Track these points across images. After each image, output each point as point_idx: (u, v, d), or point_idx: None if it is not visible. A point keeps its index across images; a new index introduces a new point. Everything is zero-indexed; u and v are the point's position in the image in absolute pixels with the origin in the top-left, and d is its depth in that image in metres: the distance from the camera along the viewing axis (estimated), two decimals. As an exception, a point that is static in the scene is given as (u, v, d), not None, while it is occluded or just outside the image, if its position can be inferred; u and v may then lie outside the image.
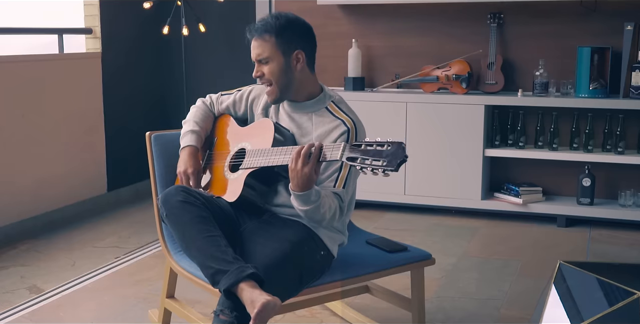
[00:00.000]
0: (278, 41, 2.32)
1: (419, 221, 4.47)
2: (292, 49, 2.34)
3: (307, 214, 2.17)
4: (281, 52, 2.33)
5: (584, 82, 4.25)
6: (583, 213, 4.31)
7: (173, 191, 2.22)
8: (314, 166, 2.06)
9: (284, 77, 2.34)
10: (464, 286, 3.35)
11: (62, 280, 3.44)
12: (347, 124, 2.33)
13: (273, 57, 2.33)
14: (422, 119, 4.46)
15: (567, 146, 4.39)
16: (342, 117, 2.36)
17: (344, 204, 2.27)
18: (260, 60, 2.35)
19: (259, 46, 2.34)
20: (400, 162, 1.91)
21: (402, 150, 1.93)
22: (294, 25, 2.36)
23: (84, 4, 4.76)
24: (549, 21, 4.44)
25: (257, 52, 2.35)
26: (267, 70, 2.35)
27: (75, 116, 4.60)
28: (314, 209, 2.14)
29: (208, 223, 2.15)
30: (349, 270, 2.37)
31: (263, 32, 2.33)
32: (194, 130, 2.51)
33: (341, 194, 2.26)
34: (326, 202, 2.17)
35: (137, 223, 4.47)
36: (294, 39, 2.35)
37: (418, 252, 2.57)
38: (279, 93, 2.37)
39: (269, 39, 2.33)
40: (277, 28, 2.32)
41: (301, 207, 2.14)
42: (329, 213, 2.19)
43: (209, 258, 2.07)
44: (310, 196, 2.11)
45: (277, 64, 2.33)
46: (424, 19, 4.69)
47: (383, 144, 1.96)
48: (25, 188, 4.23)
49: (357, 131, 2.33)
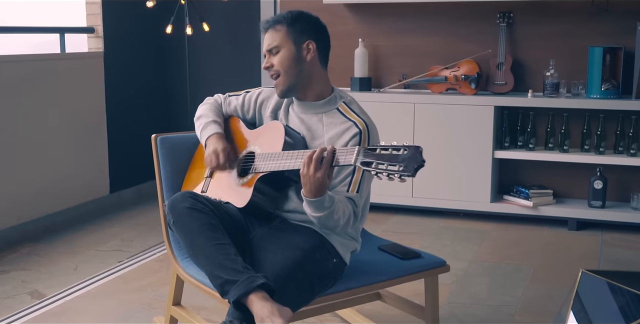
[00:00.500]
0: (289, 30, 2.28)
1: (428, 224, 4.39)
2: (303, 39, 2.29)
3: (320, 221, 2.09)
4: (292, 41, 2.28)
5: (596, 83, 4.17)
6: (594, 216, 4.23)
7: (180, 197, 2.14)
8: (326, 170, 1.98)
9: (293, 67, 2.28)
10: (476, 291, 3.28)
11: (64, 285, 3.36)
12: (359, 125, 2.25)
13: (283, 45, 2.28)
14: (430, 120, 4.39)
15: (578, 148, 4.31)
16: (353, 118, 2.28)
17: (358, 209, 2.19)
18: (270, 50, 2.30)
19: (270, 36, 2.30)
20: (417, 167, 1.83)
21: (419, 154, 1.85)
22: (306, 17, 2.33)
23: (86, 3, 4.68)
24: (559, 20, 4.36)
25: (268, 42, 2.30)
26: (276, 60, 2.29)
27: (77, 116, 4.52)
28: (328, 216, 2.06)
29: (216, 230, 2.07)
30: (362, 278, 2.30)
31: (275, 23, 2.30)
32: (215, 120, 2.43)
33: (355, 199, 2.18)
34: (340, 208, 2.09)
35: (139, 226, 4.40)
36: (305, 29, 2.30)
37: (432, 259, 2.49)
38: (288, 84, 2.29)
39: (280, 29, 2.29)
40: (289, 18, 2.29)
41: (314, 213, 2.07)
42: (342, 219, 2.11)
43: (217, 267, 1.99)
44: (323, 202, 2.03)
45: (288, 52, 2.27)
46: (431, 18, 4.61)
47: (399, 148, 1.88)
48: (26, 190, 4.16)
49: (369, 133, 2.25)
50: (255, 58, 5.10)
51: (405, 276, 2.39)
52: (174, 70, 5.28)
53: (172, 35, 4.87)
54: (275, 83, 2.31)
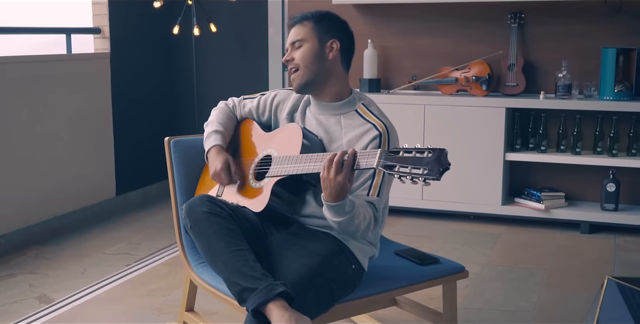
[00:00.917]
0: (315, 26, 2.26)
1: (438, 226, 4.35)
2: (328, 37, 2.27)
3: (340, 226, 2.04)
4: (317, 38, 2.26)
5: (609, 85, 4.12)
6: (607, 219, 4.18)
7: (198, 201, 2.09)
8: (347, 174, 1.93)
9: (314, 63, 2.25)
10: (491, 297, 3.23)
11: (72, 289, 3.32)
12: (379, 128, 2.20)
13: (308, 39, 2.25)
14: (440, 122, 4.34)
15: (591, 150, 4.26)
16: (373, 120, 2.23)
17: (378, 214, 2.14)
18: (293, 43, 2.27)
19: (295, 30, 2.28)
20: (443, 171, 1.78)
21: (444, 157, 1.80)
22: (334, 18, 2.32)
23: (92, 3, 4.64)
24: (572, 21, 4.31)
25: (292, 36, 2.28)
26: (298, 54, 2.26)
27: (83, 118, 4.48)
28: (348, 221, 2.01)
29: (235, 236, 2.02)
30: (380, 284, 2.25)
31: (302, 19, 2.29)
32: (217, 130, 2.39)
33: (375, 203, 2.13)
34: (360, 213, 2.04)
35: (147, 228, 4.35)
36: (331, 29, 2.28)
37: (450, 264, 2.44)
38: (306, 79, 2.25)
39: (307, 24, 2.27)
40: (317, 16, 2.29)
41: (334, 218, 2.02)
42: (363, 224, 2.06)
43: (236, 273, 1.94)
44: (344, 207, 1.98)
45: (311, 47, 2.25)
46: (441, 19, 4.56)
47: (423, 150, 1.83)
48: (33, 193, 4.11)
49: (389, 135, 2.21)
50: (263, 59, 5.05)
51: (424, 282, 2.34)
52: (181, 72, 5.23)
53: (179, 36, 4.82)
54: (293, 76, 2.28)
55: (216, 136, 2.36)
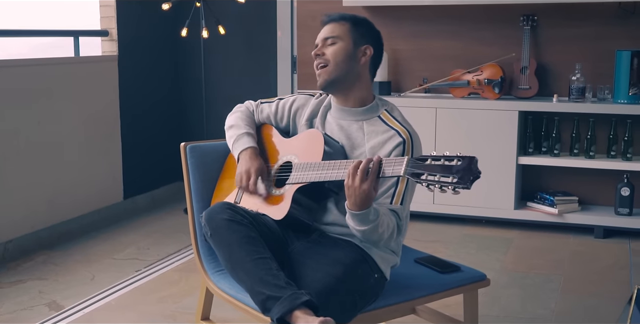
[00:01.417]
0: (352, 28, 2.21)
1: (450, 231, 4.30)
2: (363, 42, 2.22)
3: (364, 235, 2.00)
4: (352, 39, 2.20)
5: (623, 87, 4.07)
6: (621, 224, 4.13)
7: (218, 209, 2.04)
8: (372, 182, 1.88)
9: (345, 62, 2.19)
10: (507, 303, 3.18)
11: (82, 296, 3.27)
12: (403, 135, 2.15)
13: (343, 38, 2.20)
14: (452, 125, 4.29)
15: (605, 154, 4.22)
16: (396, 127, 2.18)
17: (401, 222, 2.09)
18: (327, 39, 2.20)
19: (331, 27, 2.22)
20: (473, 179, 1.73)
21: (474, 165, 1.75)
22: (371, 25, 2.28)
23: (100, 6, 4.59)
24: (585, 23, 4.26)
25: (326, 32, 2.22)
26: (330, 50, 2.19)
27: (91, 121, 4.43)
28: (372, 229, 1.97)
29: (257, 244, 1.97)
30: (402, 293, 2.20)
31: (340, 19, 2.23)
32: (248, 132, 2.32)
33: (399, 211, 2.08)
34: (384, 221, 2.00)
35: (155, 233, 4.30)
36: (367, 35, 2.23)
37: (472, 272, 2.39)
38: (334, 76, 2.19)
39: (344, 24, 2.22)
40: (354, 18, 2.24)
41: (358, 227, 1.97)
42: (387, 232, 2.01)
43: (259, 282, 1.89)
44: (368, 215, 1.93)
45: (344, 46, 2.19)
46: (452, 21, 4.51)
47: (452, 158, 1.78)
48: (40, 197, 4.06)
49: (413, 142, 2.16)
50: (272, 61, 5.00)
51: (445, 291, 2.29)
52: (190, 74, 5.18)
53: (188, 39, 4.78)
54: (321, 72, 2.21)
55: (249, 138, 2.30)
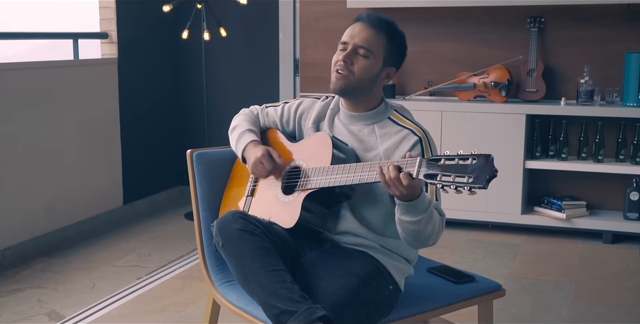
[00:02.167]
0: (388, 45, 2.09)
1: (455, 236, 4.22)
2: (390, 62, 2.12)
3: (419, 227, 1.89)
4: (383, 58, 2.09)
5: (632, 90, 4.01)
6: (630, 229, 4.07)
7: (230, 218, 1.96)
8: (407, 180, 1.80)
9: (367, 81, 2.09)
10: (518, 312, 3.11)
11: (83, 304, 3.19)
12: (417, 133, 2.08)
13: (376, 55, 2.07)
14: (458, 128, 4.22)
15: (613, 158, 4.15)
16: (409, 126, 2.10)
17: (443, 217, 2.02)
18: (359, 48, 2.06)
19: (371, 35, 2.07)
20: (490, 178, 1.66)
21: (490, 163, 1.68)
22: (403, 42, 2.15)
23: (100, 7, 4.51)
24: (593, 25, 4.20)
25: (363, 39, 2.06)
26: (359, 62, 2.07)
27: (91, 125, 4.35)
28: (428, 218, 1.89)
29: (270, 255, 1.89)
30: (416, 305, 2.13)
31: (380, 27, 2.08)
32: (250, 129, 2.25)
33: (437, 206, 2.01)
34: (434, 211, 1.93)
35: (155, 239, 4.23)
36: (397, 53, 2.13)
37: (487, 283, 2.32)
38: (352, 87, 2.09)
39: (383, 38, 2.08)
40: (393, 33, 2.10)
41: (414, 218, 1.87)
42: (437, 225, 1.95)
43: (273, 295, 1.81)
44: (424, 201, 1.86)
45: (373, 65, 2.07)
46: (458, 23, 4.44)
47: (467, 157, 1.71)
48: (38, 202, 3.98)
49: (429, 140, 2.08)
50: (274, 64, 4.93)
51: (460, 303, 2.22)
52: (191, 77, 5.10)
53: (189, 41, 4.70)
54: (339, 76, 2.08)
55: (250, 134, 2.23)
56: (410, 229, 1.91)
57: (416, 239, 1.96)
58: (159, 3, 4.53)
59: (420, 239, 1.95)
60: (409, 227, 1.91)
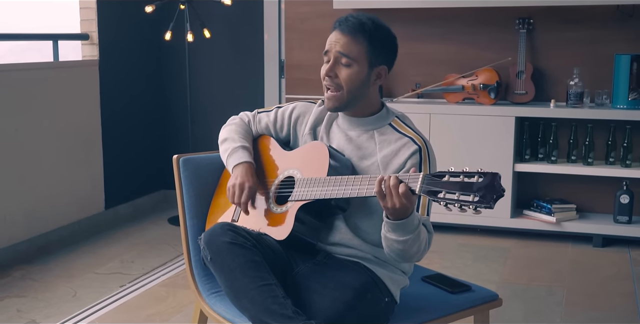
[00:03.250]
0: (370, 49, 1.99)
1: (444, 241, 4.16)
2: (378, 62, 2.01)
3: (405, 246, 1.83)
4: (367, 62, 1.99)
5: (622, 92, 3.97)
6: (621, 232, 4.03)
7: (219, 231, 1.87)
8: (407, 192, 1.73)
9: (357, 89, 2.00)
10: (512, 318, 3.05)
11: (64, 314, 3.09)
12: (417, 142, 2.00)
13: (358, 62, 1.98)
14: (446, 131, 4.16)
15: (603, 161, 4.11)
16: (410, 134, 2.03)
17: (431, 235, 1.94)
18: (339, 57, 1.99)
19: (349, 43, 1.97)
20: (497, 198, 1.59)
21: (497, 182, 1.61)
22: (388, 37, 2.04)
23: (80, 8, 4.41)
24: (583, 27, 4.15)
25: (342, 48, 1.98)
26: (343, 73, 1.99)
27: (71, 128, 4.24)
28: (415, 238, 1.82)
29: (261, 269, 1.81)
30: (412, 316, 2.06)
31: (358, 32, 1.97)
32: (244, 146, 2.15)
33: (426, 223, 1.93)
34: (422, 229, 1.86)
35: (138, 245, 4.13)
36: (383, 52, 2.02)
37: (483, 292, 2.25)
38: (346, 101, 2.02)
39: (362, 42, 1.98)
40: (372, 31, 1.99)
41: (401, 238, 1.81)
42: (423, 243, 1.87)
43: (264, 312, 1.74)
44: (413, 221, 1.79)
45: (359, 72, 1.99)
46: (446, 24, 4.38)
47: (473, 174, 1.64)
48: (17, 208, 3.87)
49: (429, 150, 2.01)
50: (259, 65, 4.85)
51: (456, 313, 2.15)
52: (174, 79, 5.01)
53: (172, 42, 4.61)
54: (330, 96, 2.02)
55: (244, 152, 2.13)
56: (395, 247, 1.85)
57: (400, 256, 1.89)
58: (141, 4, 4.44)
59: (404, 257, 1.89)
60: (394, 245, 1.85)
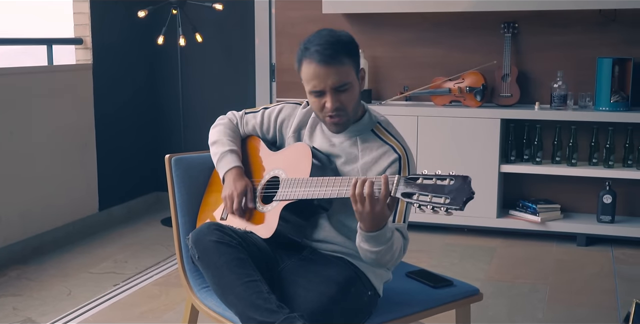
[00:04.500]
0: (353, 63, 2.01)
1: (432, 240, 4.25)
2: (358, 68, 2.05)
3: (377, 256, 1.89)
4: (355, 73, 2.02)
5: (604, 95, 4.06)
6: (604, 231, 4.12)
7: (205, 230, 1.95)
8: (385, 202, 1.78)
9: (357, 102, 2.05)
10: (495, 314, 3.14)
11: (59, 312, 3.16)
12: (398, 150, 2.06)
13: (352, 81, 2.00)
14: (434, 133, 4.25)
15: (587, 162, 4.20)
16: (391, 142, 2.08)
17: (407, 242, 2.01)
18: (337, 88, 1.98)
19: (337, 72, 1.97)
20: (466, 200, 1.67)
21: (468, 185, 1.68)
22: (353, 42, 2.05)
23: (74, 13, 4.48)
24: (566, 31, 4.25)
25: (335, 80, 1.97)
26: (346, 98, 2.00)
27: (66, 131, 4.32)
28: (387, 249, 1.88)
29: (246, 266, 1.88)
30: (394, 310, 2.14)
31: (337, 54, 1.97)
32: (232, 149, 2.22)
33: (402, 229, 2.00)
34: (396, 239, 1.92)
35: (132, 245, 4.20)
36: (358, 58, 2.06)
37: (464, 287, 2.34)
38: (349, 121, 2.07)
39: (345, 61, 1.98)
40: (348, 47, 2.00)
41: (374, 248, 1.87)
42: (397, 252, 1.93)
43: (250, 307, 1.81)
44: (385, 234, 1.84)
45: (355, 88, 2.02)
46: (433, 28, 4.48)
47: (445, 177, 1.71)
48: (12, 209, 3.94)
49: (408, 159, 2.07)
50: (250, 69, 4.93)
51: (438, 307, 2.24)
52: (166, 83, 5.09)
53: (164, 47, 4.68)
54: (337, 121, 2.04)
55: (232, 157, 2.20)
56: (368, 256, 1.92)
57: (373, 263, 1.97)
58: (134, 9, 4.52)
59: (378, 264, 1.97)
60: (368, 254, 1.92)
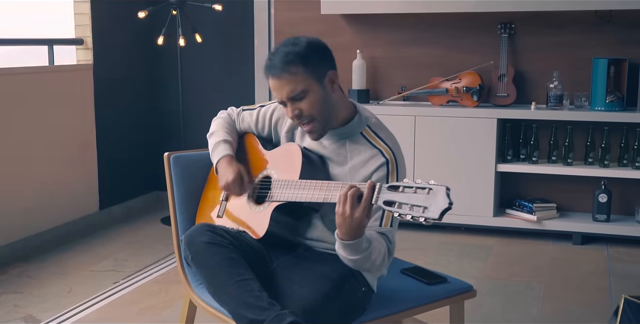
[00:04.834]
0: (307, 70, 1.98)
1: (429, 239, 4.29)
2: (323, 72, 2.02)
3: (355, 264, 1.92)
4: (314, 80, 2.00)
5: (600, 95, 4.10)
6: (599, 230, 4.15)
7: (197, 232, 1.99)
8: (365, 209, 1.79)
9: (325, 107, 2.02)
10: (489, 311, 3.17)
11: (59, 309, 3.20)
12: (386, 154, 2.06)
13: (309, 88, 1.99)
14: (431, 133, 4.29)
15: (582, 161, 4.24)
16: (379, 146, 2.08)
17: (392, 246, 2.02)
18: (293, 98, 2.00)
19: (288, 82, 1.98)
20: (444, 211, 1.67)
21: (446, 196, 1.68)
22: (314, 47, 2.02)
23: (75, 13, 4.52)
24: (562, 31, 4.29)
25: (288, 90, 1.99)
26: (305, 106, 2.00)
27: (66, 131, 4.36)
28: (365, 258, 1.89)
29: (238, 265, 1.92)
30: (389, 306, 2.17)
31: (286, 65, 1.97)
32: (225, 139, 2.25)
33: (388, 234, 2.02)
34: (376, 248, 1.92)
35: (132, 244, 4.24)
36: (320, 62, 2.02)
37: (458, 283, 2.38)
38: (324, 128, 2.07)
39: (296, 70, 1.97)
40: (300, 55, 1.98)
41: (350, 256, 1.89)
42: (379, 259, 1.94)
43: (242, 305, 1.85)
44: (361, 244, 1.86)
45: (316, 94, 2.00)
46: (431, 29, 4.52)
47: (424, 187, 1.71)
48: (14, 208, 3.98)
49: (397, 163, 2.07)
50: (249, 69, 4.97)
51: (432, 303, 2.27)
52: (166, 82, 5.13)
53: (164, 47, 4.72)
54: (309, 129, 2.05)
55: (225, 146, 2.23)
56: (346, 262, 1.94)
57: (355, 268, 1.98)
58: (134, 9, 4.56)
59: (359, 269, 1.99)
60: (345, 261, 1.93)
